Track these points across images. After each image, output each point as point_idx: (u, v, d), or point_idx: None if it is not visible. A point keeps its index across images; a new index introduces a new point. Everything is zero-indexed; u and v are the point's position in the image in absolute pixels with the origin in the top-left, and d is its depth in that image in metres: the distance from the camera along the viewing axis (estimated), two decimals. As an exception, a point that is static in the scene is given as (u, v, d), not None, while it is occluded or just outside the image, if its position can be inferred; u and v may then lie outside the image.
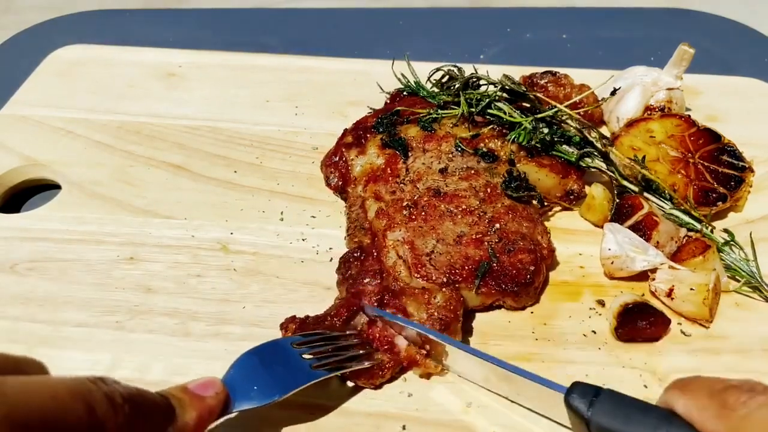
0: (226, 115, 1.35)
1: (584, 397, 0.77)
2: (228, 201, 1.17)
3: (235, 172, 1.22)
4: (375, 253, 1.01)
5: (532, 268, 0.99)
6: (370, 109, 1.32)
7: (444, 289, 0.95)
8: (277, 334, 0.95)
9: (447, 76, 1.25)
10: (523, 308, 1.01)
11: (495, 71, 1.25)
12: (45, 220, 1.12)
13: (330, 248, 1.09)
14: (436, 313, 0.93)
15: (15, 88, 1.40)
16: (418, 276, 0.97)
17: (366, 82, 1.42)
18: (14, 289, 1.01)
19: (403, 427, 0.86)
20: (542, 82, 1.33)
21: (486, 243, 1.00)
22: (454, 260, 0.98)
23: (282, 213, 1.15)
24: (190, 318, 0.98)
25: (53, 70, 1.46)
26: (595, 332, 0.98)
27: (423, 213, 1.04)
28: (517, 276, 0.98)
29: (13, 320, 0.97)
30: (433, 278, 0.96)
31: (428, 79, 1.27)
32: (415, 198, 1.07)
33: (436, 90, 1.27)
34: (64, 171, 1.21)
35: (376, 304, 0.95)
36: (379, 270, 0.99)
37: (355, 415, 0.87)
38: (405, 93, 1.31)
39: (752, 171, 1.18)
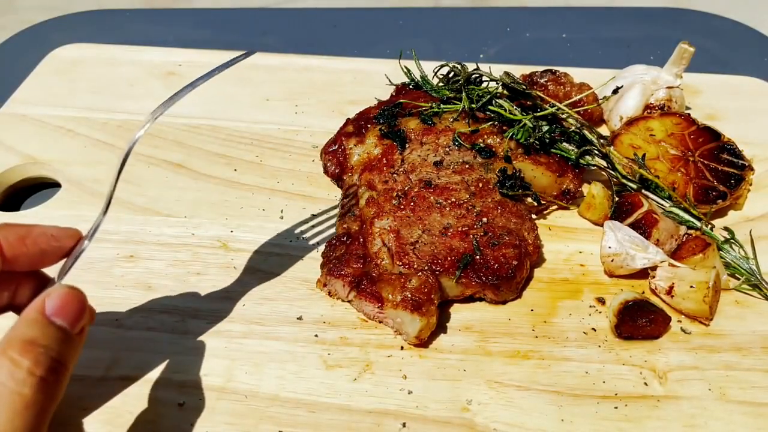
0: (226, 113, 1.35)
1: None
2: (228, 199, 1.17)
3: (235, 170, 1.22)
4: (361, 239, 1.03)
5: (515, 263, 0.99)
6: (377, 100, 1.32)
7: (420, 273, 0.96)
8: (277, 332, 0.96)
9: (452, 72, 1.25)
10: (504, 302, 1.01)
11: (495, 70, 1.25)
12: (45, 218, 1.12)
13: (330, 246, 1.09)
14: (409, 294, 0.93)
15: (15, 87, 1.40)
16: (401, 264, 0.97)
17: (366, 81, 1.43)
18: (14, 287, 1.01)
19: (403, 425, 0.86)
20: (542, 80, 1.33)
21: (471, 236, 1.01)
22: (438, 251, 0.99)
23: (282, 211, 1.15)
24: (189, 316, 0.98)
25: (53, 69, 1.46)
26: (595, 330, 0.98)
27: (412, 203, 1.05)
28: (499, 270, 0.98)
29: (13, 318, 0.97)
30: (415, 267, 0.97)
31: (434, 74, 1.28)
32: (406, 189, 1.08)
33: (440, 85, 1.27)
34: (64, 169, 1.21)
35: (351, 286, 0.96)
36: (363, 255, 1.01)
37: (355, 413, 0.87)
38: (410, 86, 1.31)
39: (752, 169, 1.18)
